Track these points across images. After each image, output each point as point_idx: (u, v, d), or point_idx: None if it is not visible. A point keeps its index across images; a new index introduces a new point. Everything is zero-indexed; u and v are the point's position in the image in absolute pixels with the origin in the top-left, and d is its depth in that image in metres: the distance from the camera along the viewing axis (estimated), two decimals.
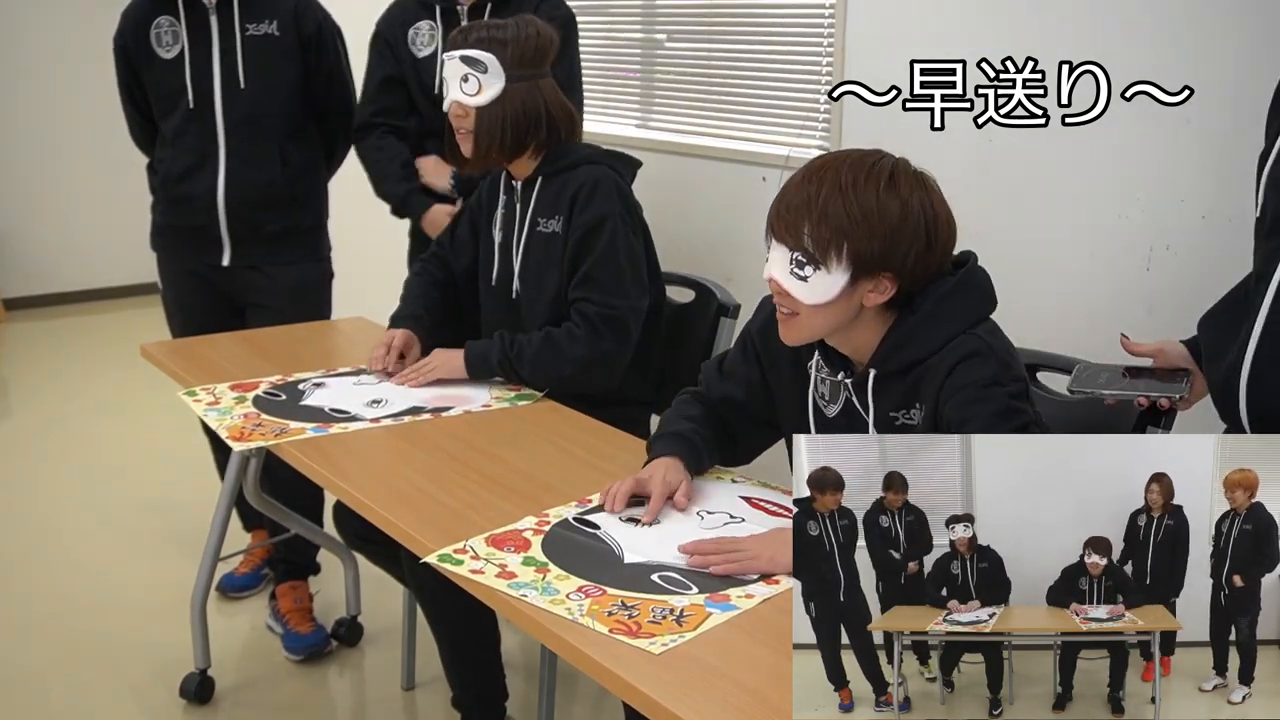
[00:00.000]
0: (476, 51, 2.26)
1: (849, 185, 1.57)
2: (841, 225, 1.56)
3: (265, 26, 2.86)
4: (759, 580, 1.55)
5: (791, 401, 1.81)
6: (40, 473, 4.14)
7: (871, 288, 1.60)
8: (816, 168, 1.61)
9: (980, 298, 1.67)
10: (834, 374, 1.72)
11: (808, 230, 1.57)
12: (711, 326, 2.47)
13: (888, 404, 1.67)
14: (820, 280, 1.58)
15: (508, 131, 2.29)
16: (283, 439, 2.05)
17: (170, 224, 2.97)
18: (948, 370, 1.60)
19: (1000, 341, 1.64)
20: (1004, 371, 1.59)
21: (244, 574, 3.24)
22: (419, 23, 2.92)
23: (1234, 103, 2.21)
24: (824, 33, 3.03)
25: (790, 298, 1.62)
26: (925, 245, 1.59)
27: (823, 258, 1.57)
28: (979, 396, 1.56)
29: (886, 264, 1.58)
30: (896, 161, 1.61)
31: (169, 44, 2.84)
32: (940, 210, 1.61)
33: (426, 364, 2.37)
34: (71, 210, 6.26)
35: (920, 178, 1.61)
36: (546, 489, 1.85)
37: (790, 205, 1.60)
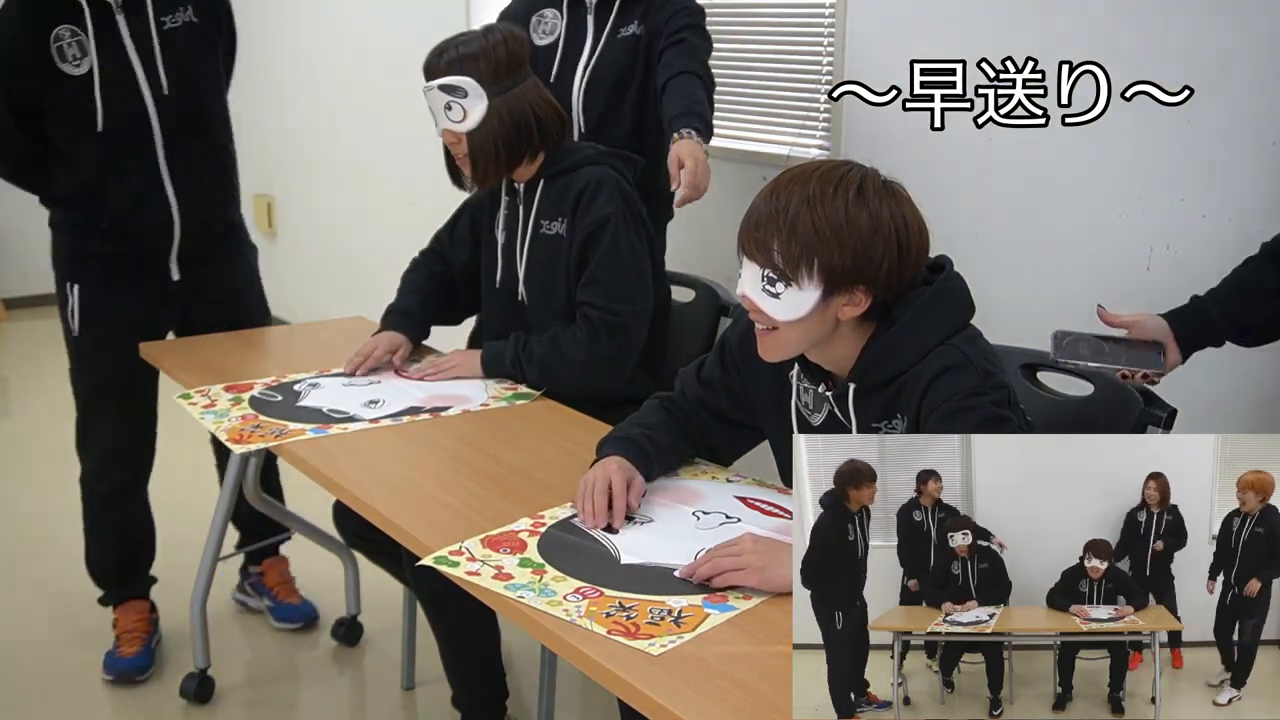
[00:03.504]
0: (451, 78, 2.25)
1: (817, 199, 1.54)
2: (810, 241, 1.53)
3: (182, 14, 2.55)
4: None
5: (774, 410, 1.80)
6: (40, 472, 4.13)
7: (846, 301, 1.58)
8: (784, 181, 1.58)
9: (958, 306, 1.64)
10: (815, 386, 1.70)
11: (777, 247, 1.55)
12: (711, 326, 2.47)
13: (869, 416, 1.65)
14: (792, 297, 1.56)
15: (501, 148, 2.29)
16: (283, 440, 2.05)
17: (109, 252, 2.62)
18: (927, 383, 1.58)
19: (979, 349, 1.61)
20: (985, 380, 1.56)
21: (131, 655, 2.81)
22: (544, 9, 2.78)
23: (1234, 103, 2.20)
24: (824, 33, 3.03)
25: (764, 315, 1.60)
26: (898, 256, 1.56)
27: (793, 274, 1.55)
28: (961, 407, 1.54)
29: (859, 277, 1.55)
30: (866, 172, 1.58)
31: (76, 57, 2.45)
32: (912, 219, 1.58)
33: (446, 361, 2.40)
34: None
35: (890, 187, 1.58)
36: (547, 489, 1.85)
37: (758, 222, 1.57)
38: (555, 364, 2.29)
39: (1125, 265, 2.47)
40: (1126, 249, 2.47)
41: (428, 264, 2.57)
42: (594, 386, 2.32)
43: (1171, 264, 2.41)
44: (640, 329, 2.33)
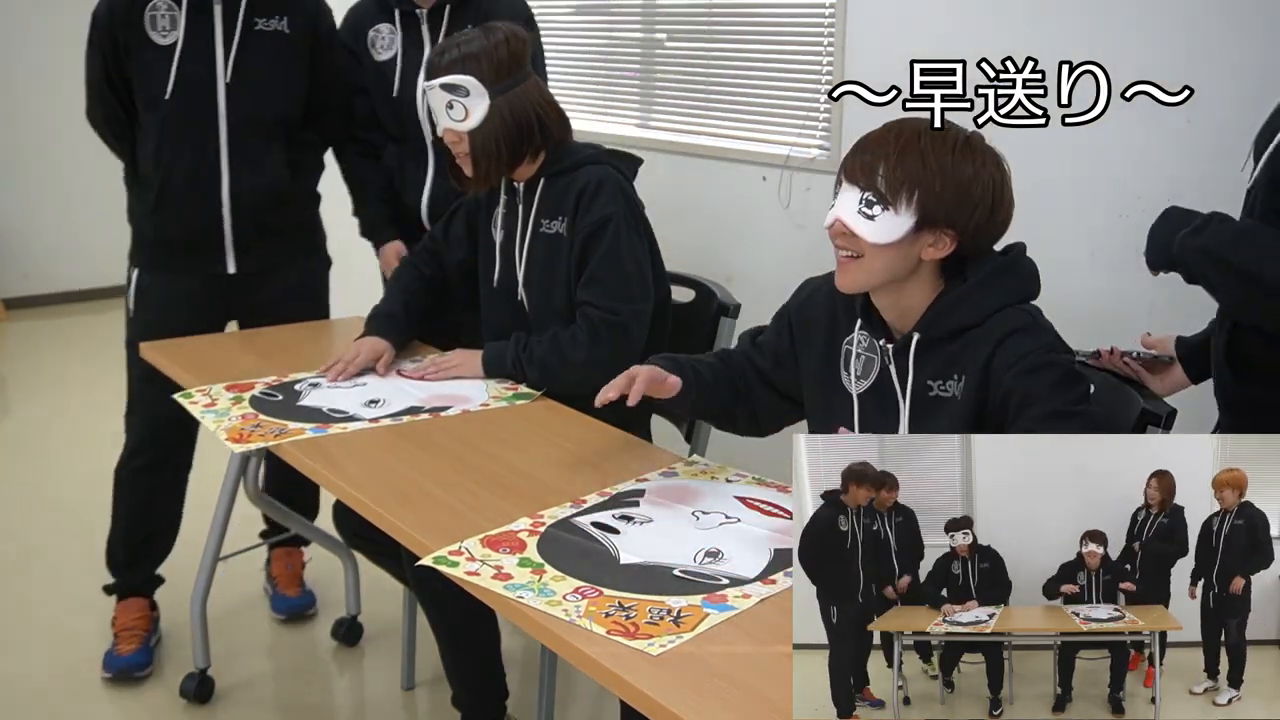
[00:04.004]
0: (454, 76, 2.25)
1: (927, 141, 1.62)
2: (915, 172, 1.61)
3: (276, 22, 2.71)
4: (756, 580, 1.54)
5: (818, 379, 1.83)
6: (40, 472, 4.14)
7: (932, 241, 1.64)
8: (894, 126, 1.66)
9: (1028, 278, 1.72)
10: (877, 339, 1.74)
11: (883, 171, 1.62)
12: (711, 326, 2.46)
13: (927, 372, 1.68)
14: (887, 220, 1.62)
15: (503, 147, 2.29)
16: (283, 439, 2.05)
17: (166, 239, 2.75)
18: (995, 344, 1.62)
19: (1041, 317, 1.68)
20: (1058, 342, 1.64)
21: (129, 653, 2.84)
22: (378, 25, 2.87)
23: (1234, 102, 2.20)
24: (824, 33, 3.03)
25: (854, 238, 1.65)
26: (989, 211, 1.64)
27: (893, 199, 1.61)
28: (1044, 362, 1.59)
29: (952, 219, 1.62)
30: (973, 132, 1.67)
31: (165, 29, 2.62)
32: (1007, 186, 1.67)
33: (447, 361, 2.39)
34: (71, 210, 6.25)
35: (994, 152, 1.67)
36: (547, 489, 1.85)
37: (868, 146, 1.65)
38: (556, 364, 2.29)
39: (1125, 265, 2.47)
40: (1126, 249, 2.47)
41: (417, 264, 2.57)
42: (595, 386, 2.31)
43: None
44: (641, 329, 2.33)
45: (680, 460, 2.00)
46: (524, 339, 2.34)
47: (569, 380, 2.29)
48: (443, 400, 2.26)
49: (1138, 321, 2.47)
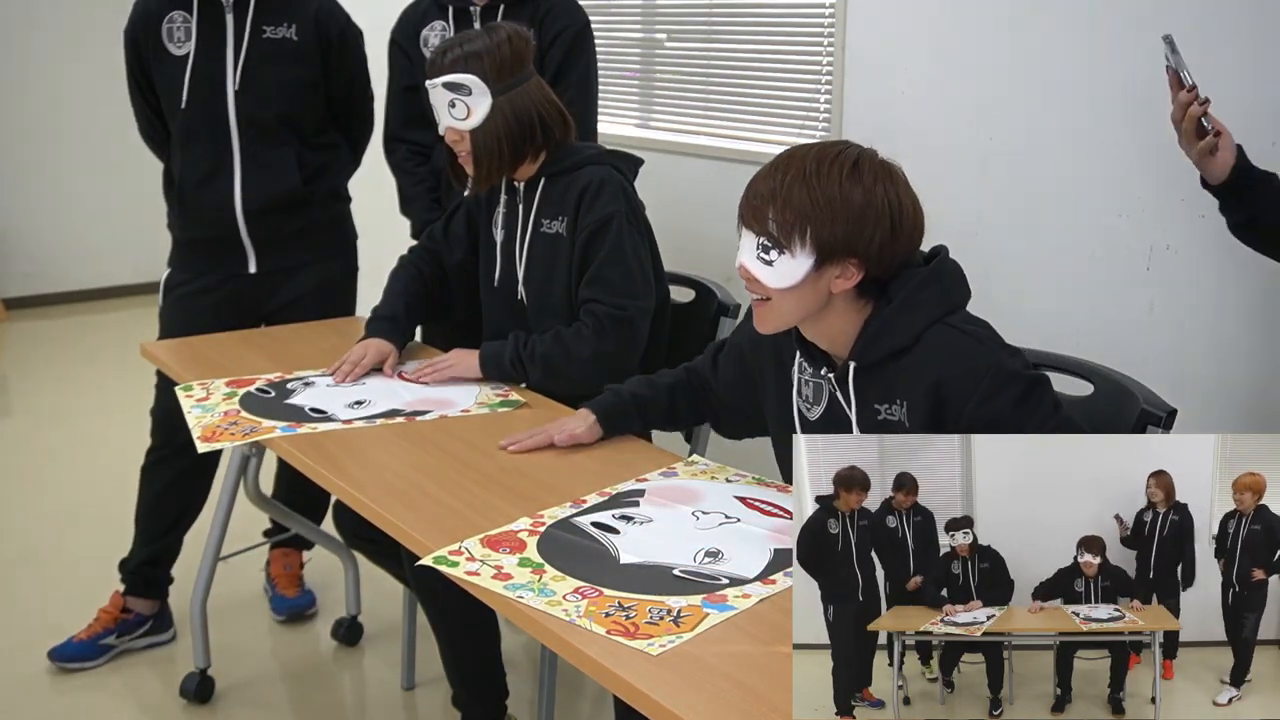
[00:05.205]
0: (456, 75, 2.25)
1: (812, 174, 1.60)
2: (804, 210, 1.59)
3: (283, 29, 2.80)
4: (756, 580, 1.55)
5: (775, 406, 1.84)
6: (40, 472, 4.14)
7: (838, 274, 1.62)
8: (783, 159, 1.65)
9: (951, 285, 1.68)
10: (816, 371, 1.73)
11: (772, 215, 1.61)
12: (711, 326, 2.46)
13: (870, 397, 1.68)
14: (785, 264, 1.61)
15: (505, 146, 2.29)
16: (250, 438, 2.06)
17: (190, 238, 2.87)
18: (939, 367, 1.60)
19: (974, 325, 1.66)
20: (994, 342, 1.63)
21: (79, 640, 2.89)
22: (432, 23, 2.87)
23: (1235, 103, 2.20)
24: (824, 33, 3.03)
25: (758, 283, 1.65)
26: (890, 232, 1.61)
27: (787, 242, 1.60)
28: (995, 386, 1.57)
29: (851, 249, 1.60)
30: (862, 151, 1.64)
31: (181, 40, 2.75)
32: (906, 199, 1.64)
33: (443, 361, 2.39)
34: (71, 210, 6.26)
35: (886, 167, 1.64)
36: (547, 489, 1.85)
37: (757, 193, 1.64)
38: (560, 360, 2.28)
39: (1125, 265, 2.47)
40: (1126, 249, 2.47)
41: (416, 263, 2.56)
42: (598, 384, 2.31)
43: (1171, 264, 2.41)
44: (645, 326, 2.33)
45: (680, 460, 2.00)
46: (523, 337, 2.33)
47: (572, 376, 2.28)
48: (424, 405, 2.24)
49: (1138, 321, 2.47)
